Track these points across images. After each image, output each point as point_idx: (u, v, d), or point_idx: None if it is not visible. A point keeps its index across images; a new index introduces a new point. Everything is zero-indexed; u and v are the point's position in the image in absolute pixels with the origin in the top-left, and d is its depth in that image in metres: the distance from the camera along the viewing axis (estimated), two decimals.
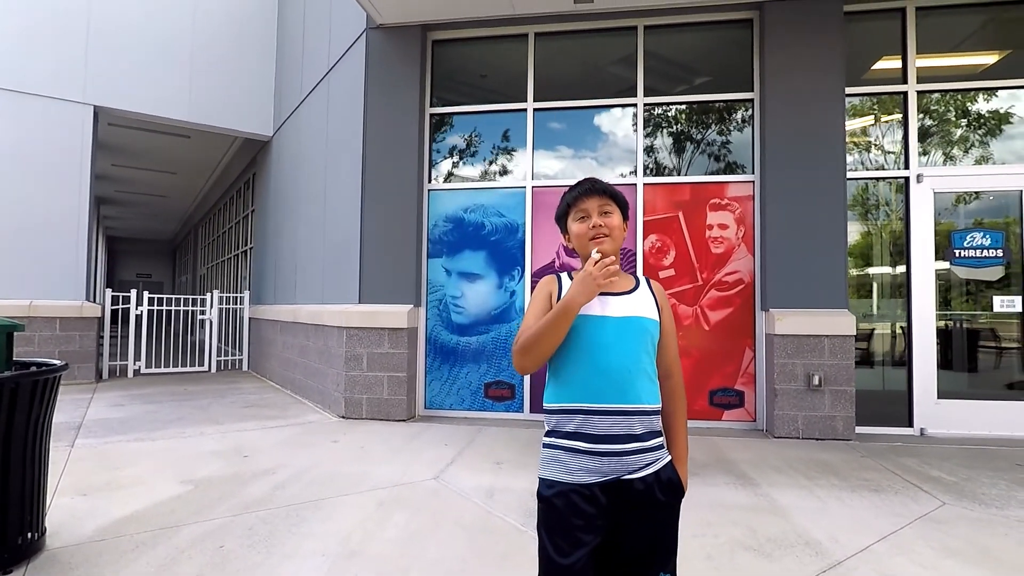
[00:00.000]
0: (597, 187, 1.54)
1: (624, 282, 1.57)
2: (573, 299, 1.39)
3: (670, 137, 5.36)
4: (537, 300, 1.54)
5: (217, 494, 3.24)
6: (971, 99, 5.00)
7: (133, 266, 27.27)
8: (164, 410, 5.68)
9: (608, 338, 1.45)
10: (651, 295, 1.57)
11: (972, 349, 4.93)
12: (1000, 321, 4.87)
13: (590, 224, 1.51)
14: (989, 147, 4.96)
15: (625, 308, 1.50)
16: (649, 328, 1.50)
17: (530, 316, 1.51)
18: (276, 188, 8.48)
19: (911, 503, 3.18)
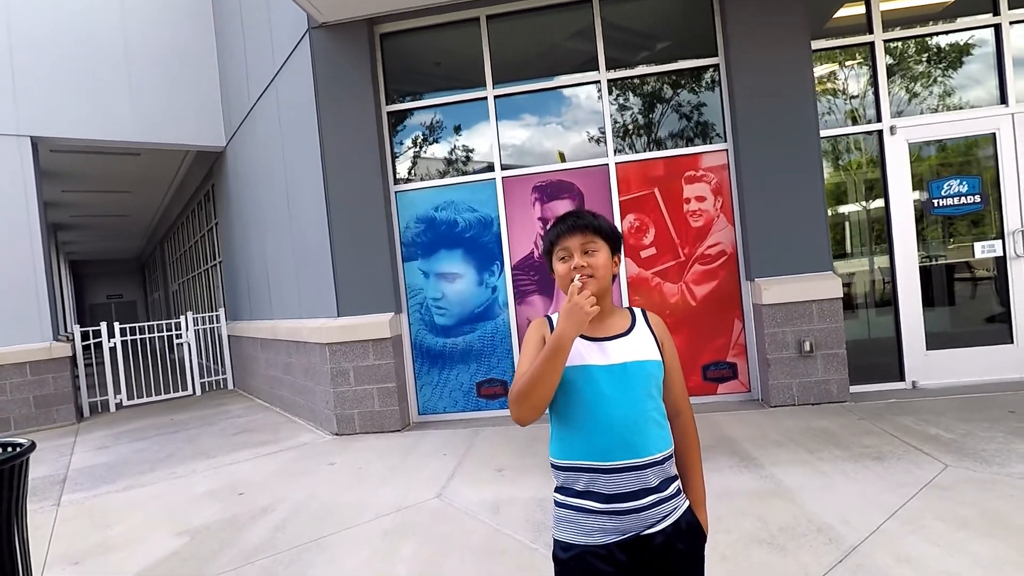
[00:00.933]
0: (580, 223, 1.42)
1: (618, 321, 1.47)
2: (563, 333, 1.28)
3: (638, 111, 5.21)
4: (529, 345, 1.44)
5: (216, 544, 3.13)
6: (937, 44, 4.91)
7: (102, 288, 26.53)
8: (152, 447, 5.51)
9: (609, 389, 1.35)
10: (649, 331, 1.47)
11: (952, 294, 4.96)
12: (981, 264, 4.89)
13: (572, 265, 1.40)
14: (960, 92, 4.90)
15: (624, 352, 1.39)
16: (652, 371, 1.40)
17: (523, 362, 1.40)
18: (237, 199, 8.18)
19: (915, 469, 3.19)
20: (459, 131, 5.49)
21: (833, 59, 5.02)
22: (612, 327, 1.45)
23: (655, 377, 1.41)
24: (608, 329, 1.44)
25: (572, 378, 1.35)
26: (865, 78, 4.96)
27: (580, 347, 1.38)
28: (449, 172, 5.52)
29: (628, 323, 1.47)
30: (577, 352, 1.37)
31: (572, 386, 1.36)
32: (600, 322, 1.44)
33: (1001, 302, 4.84)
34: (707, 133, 5.09)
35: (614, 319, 1.47)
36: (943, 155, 4.93)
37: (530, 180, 5.26)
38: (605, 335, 1.42)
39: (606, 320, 1.45)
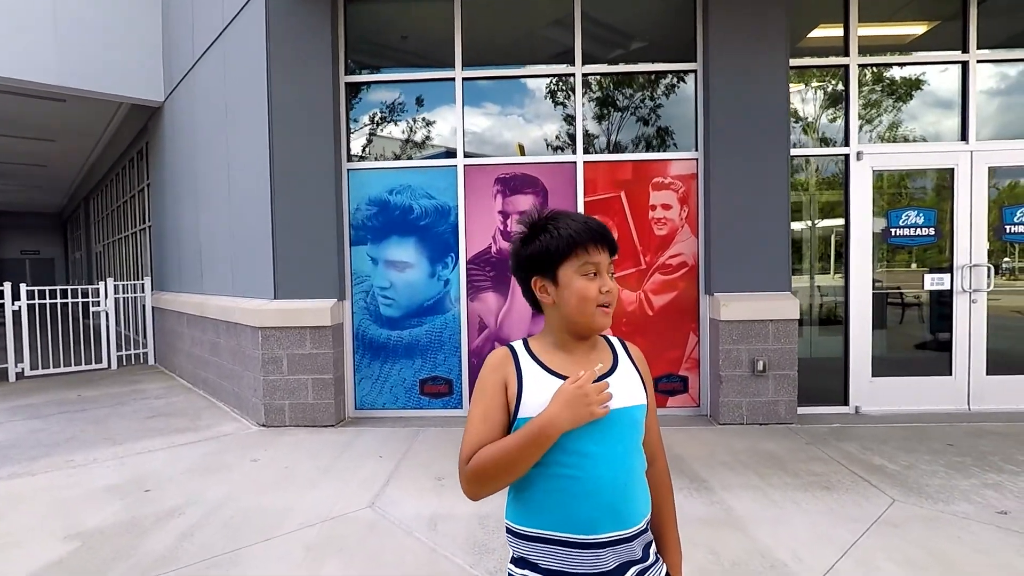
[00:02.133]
0: (610, 238, 1.16)
1: (600, 355, 1.20)
2: (555, 423, 1.03)
3: (611, 111, 5.02)
4: (484, 393, 1.14)
5: (110, 552, 2.74)
6: (907, 75, 4.95)
7: (17, 242, 24.39)
8: (50, 428, 4.95)
9: (594, 445, 1.09)
10: (633, 367, 1.22)
11: (900, 321, 5.05)
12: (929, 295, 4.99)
13: (604, 287, 1.13)
14: (925, 124, 4.96)
15: (613, 395, 1.13)
16: (639, 419, 1.17)
17: (476, 419, 1.12)
18: (173, 161, 7.52)
19: (863, 502, 3.15)
20: (422, 111, 5.15)
21: (807, 79, 4.99)
22: (596, 361, 1.18)
23: (641, 425, 1.18)
24: (592, 364, 1.17)
25: None
26: (836, 101, 4.95)
27: (555, 386, 1.12)
28: (408, 154, 5.19)
29: (611, 358, 1.21)
30: (551, 392, 1.11)
31: None
32: (584, 357, 1.18)
33: (939, 334, 4.94)
34: (679, 140, 4.97)
35: (597, 351, 1.22)
36: (902, 184, 4.98)
37: (494, 171, 5.00)
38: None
39: (589, 355, 1.20)
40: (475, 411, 1.14)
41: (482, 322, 5.01)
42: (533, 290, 1.18)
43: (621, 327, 4.91)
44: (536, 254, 1.15)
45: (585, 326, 1.15)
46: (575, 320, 1.14)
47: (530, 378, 1.13)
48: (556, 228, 1.14)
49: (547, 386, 1.11)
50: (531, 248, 1.16)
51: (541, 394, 1.10)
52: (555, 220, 1.15)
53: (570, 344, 1.18)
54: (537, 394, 1.11)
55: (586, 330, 1.16)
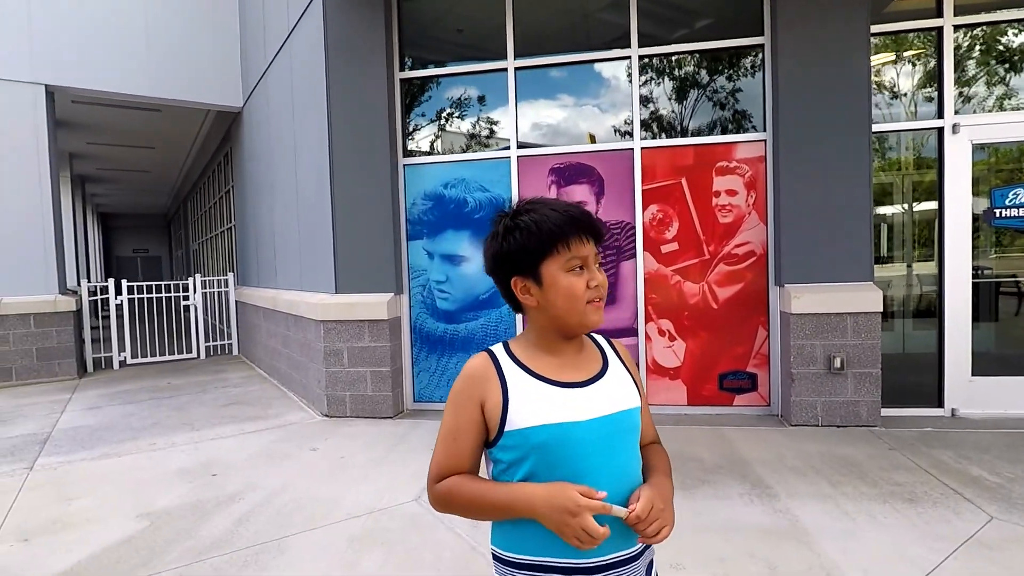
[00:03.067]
0: (595, 226, 1.05)
1: (590, 356, 1.11)
2: (534, 511, 0.95)
3: (670, 94, 4.76)
4: (458, 408, 1.05)
5: (172, 533, 2.91)
6: (1017, 33, 4.36)
7: (129, 242, 26.89)
8: (141, 412, 5.36)
9: (595, 455, 1.00)
10: (623, 366, 1.14)
11: (1004, 313, 4.48)
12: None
13: (592, 281, 1.03)
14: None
15: (605, 401, 1.04)
16: (636, 421, 1.09)
17: (447, 435, 1.05)
18: (251, 163, 7.95)
19: (953, 518, 2.80)
20: (475, 104, 5.11)
21: (892, 46, 4.50)
22: (585, 365, 1.09)
23: (638, 427, 1.10)
24: (581, 369, 1.08)
25: (541, 442, 0.99)
26: (927, 69, 4.43)
27: (547, 395, 1.02)
28: (462, 147, 5.17)
29: (600, 359, 1.12)
30: (544, 402, 1.02)
31: (541, 453, 0.99)
32: (573, 359, 1.09)
33: None
34: (744, 122, 4.64)
35: (586, 354, 1.12)
36: (1001, 160, 4.40)
37: (547, 161, 4.88)
38: (579, 378, 1.06)
39: (579, 355, 1.10)
40: (446, 425, 1.06)
41: None
42: (513, 291, 1.07)
43: (683, 321, 4.67)
44: (514, 252, 1.04)
45: (576, 326, 1.05)
46: (565, 320, 1.04)
47: (516, 386, 1.03)
48: (534, 222, 1.02)
49: (536, 393, 1.03)
50: (508, 246, 1.04)
51: (531, 402, 1.02)
52: (532, 212, 1.03)
53: (557, 346, 1.08)
54: (526, 403, 1.02)
55: (578, 329, 1.06)
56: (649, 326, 4.74)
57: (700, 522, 2.84)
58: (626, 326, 4.77)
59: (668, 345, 4.73)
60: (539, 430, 0.99)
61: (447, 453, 1.05)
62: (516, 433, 1.00)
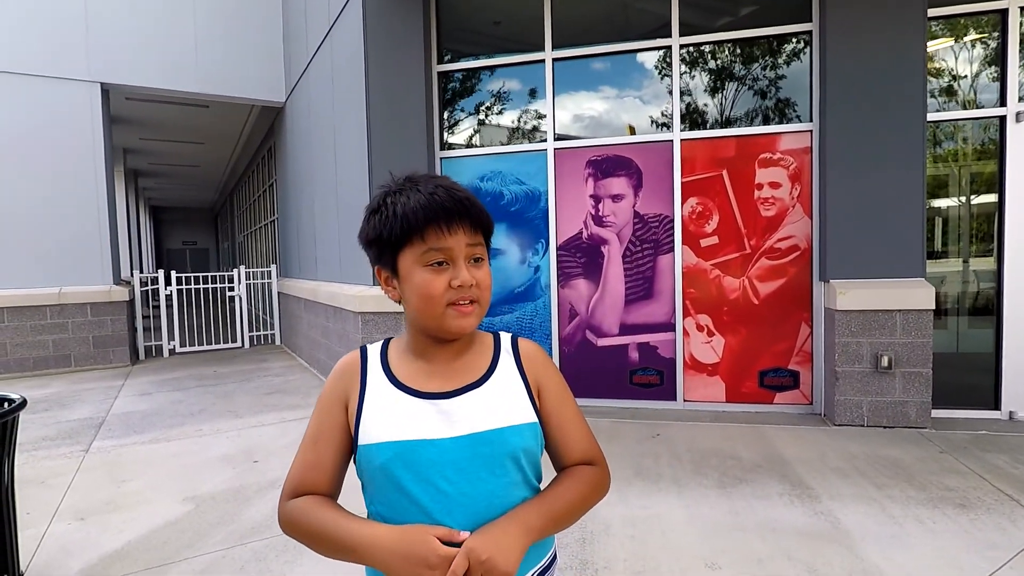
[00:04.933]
0: (469, 213, 0.88)
1: (474, 359, 0.95)
2: (376, 561, 0.80)
3: (711, 83, 4.64)
4: (320, 410, 0.94)
5: (216, 517, 3.01)
6: None
7: (179, 234, 27.91)
8: (189, 399, 5.57)
9: (448, 482, 0.85)
10: (518, 373, 0.95)
11: None
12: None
13: (455, 280, 0.86)
14: None
15: (476, 414, 0.89)
16: (519, 443, 0.90)
17: (306, 441, 0.93)
18: (293, 157, 8.13)
19: (1009, 526, 2.67)
20: (512, 96, 5.09)
21: (950, 30, 4.27)
22: (461, 373, 0.93)
23: (526, 452, 0.91)
24: (454, 377, 0.92)
25: (384, 462, 0.85)
26: (988, 54, 4.20)
27: (400, 407, 0.89)
28: (498, 140, 5.16)
29: (486, 364, 0.95)
30: (395, 415, 0.88)
31: (386, 476, 0.85)
32: (446, 365, 0.93)
33: None
34: (789, 111, 4.48)
35: (469, 356, 0.95)
36: None
37: (584, 153, 4.83)
38: (447, 387, 0.90)
39: (457, 361, 0.94)
40: (307, 430, 0.94)
41: (573, 309, 4.89)
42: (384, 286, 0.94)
43: (723, 316, 4.57)
44: (372, 239, 0.90)
45: (435, 330, 0.90)
46: (422, 321, 0.90)
47: (373, 393, 0.91)
48: (394, 204, 0.88)
49: (390, 404, 0.89)
50: (366, 231, 0.91)
51: (381, 413, 0.88)
52: (401, 192, 0.89)
53: (429, 349, 0.93)
54: (377, 413, 0.88)
55: (439, 333, 0.91)
56: (687, 321, 4.66)
57: (737, 521, 2.78)
58: (663, 321, 4.69)
59: (706, 341, 4.63)
60: (383, 448, 0.85)
61: (303, 463, 0.92)
62: (364, 449, 0.87)
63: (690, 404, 4.67)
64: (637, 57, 4.80)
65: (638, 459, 3.60)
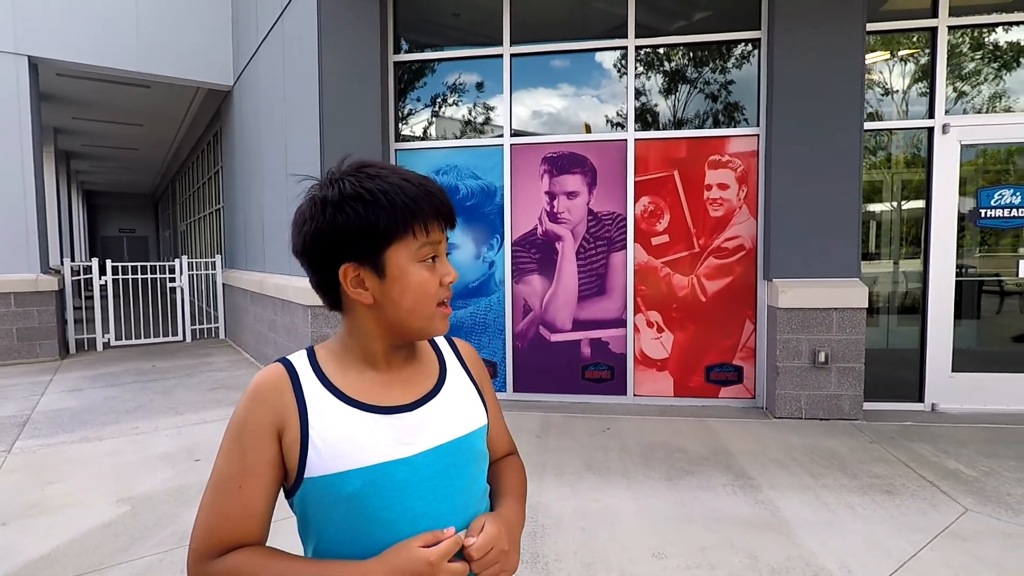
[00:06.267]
0: (451, 207, 0.85)
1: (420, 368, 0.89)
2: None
3: (665, 85, 4.74)
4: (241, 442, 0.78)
5: (154, 519, 2.89)
6: (1009, 37, 4.37)
7: (115, 221, 26.49)
8: (124, 396, 5.31)
9: (425, 502, 0.80)
10: (465, 374, 0.94)
11: (984, 311, 4.54)
12: None
13: (447, 278, 0.84)
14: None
15: (441, 424, 0.84)
16: (481, 445, 0.90)
17: (225, 483, 0.77)
18: (240, 144, 7.83)
19: (930, 510, 2.85)
20: (469, 90, 5.06)
21: (886, 45, 4.50)
22: (415, 380, 0.87)
23: (484, 450, 0.91)
24: (410, 386, 0.86)
25: (355, 492, 0.77)
26: (919, 69, 4.45)
27: (361, 427, 0.79)
28: (455, 134, 5.12)
29: (437, 369, 0.91)
30: (358, 437, 0.78)
31: (353, 506, 0.77)
32: (399, 374, 0.86)
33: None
34: (738, 115, 4.63)
35: (418, 362, 0.90)
36: (988, 161, 4.44)
37: (541, 150, 4.85)
38: (406, 399, 0.84)
39: (408, 367, 0.88)
40: (222, 471, 0.78)
41: (527, 304, 4.92)
42: (341, 282, 0.80)
43: (672, 313, 4.69)
44: (353, 231, 0.77)
45: (418, 332, 0.83)
46: (406, 325, 0.82)
47: (320, 414, 0.79)
48: (383, 192, 0.77)
49: (345, 424, 0.79)
50: (344, 220, 0.77)
51: (338, 437, 0.78)
52: (378, 179, 0.79)
53: (383, 357, 0.85)
54: (331, 438, 0.77)
55: (417, 337, 0.85)
56: (638, 317, 4.76)
57: (684, 512, 2.87)
58: (615, 317, 4.78)
59: (656, 337, 4.75)
60: (351, 476, 0.76)
61: (225, 512, 0.76)
62: (320, 481, 0.76)
63: (640, 399, 4.78)
64: (594, 56, 4.85)
65: (589, 453, 3.66)
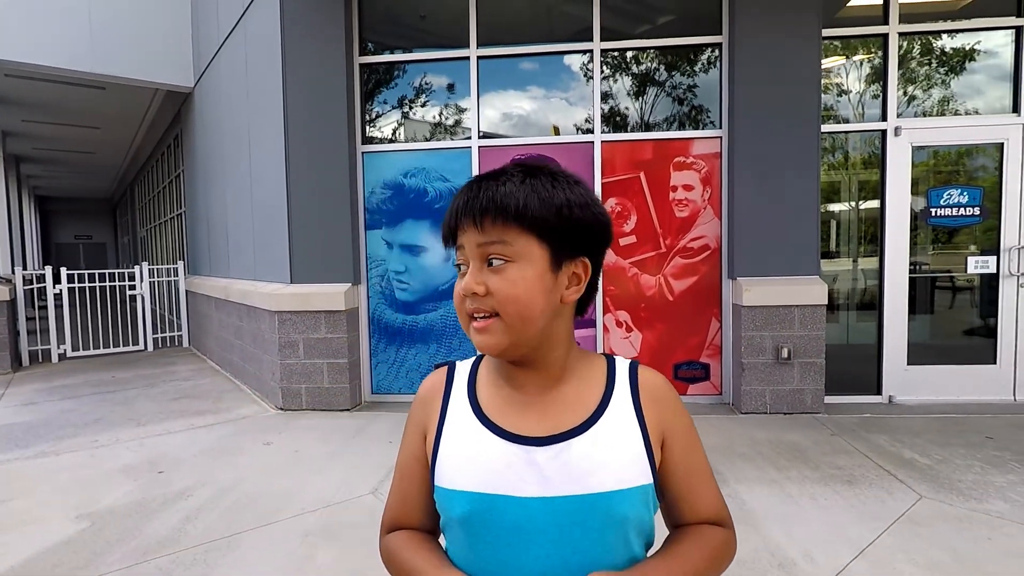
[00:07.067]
0: (483, 196, 0.72)
1: (576, 395, 0.76)
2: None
3: (631, 88, 4.82)
4: (404, 436, 0.85)
5: (115, 533, 2.80)
6: (950, 44, 4.57)
7: (71, 227, 25.54)
8: (82, 408, 5.13)
9: (540, 551, 0.71)
10: (634, 416, 0.75)
11: (937, 306, 4.74)
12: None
13: (464, 288, 0.72)
14: (969, 97, 4.58)
15: (576, 472, 0.71)
16: (627, 511, 0.73)
17: (396, 470, 0.85)
18: (203, 146, 7.65)
19: (887, 498, 2.96)
20: (437, 92, 5.05)
21: (841, 51, 4.66)
22: (558, 409, 0.75)
23: (636, 520, 0.74)
24: (553, 411, 0.75)
25: (463, 515, 0.74)
26: (873, 73, 4.62)
27: (483, 448, 0.74)
28: (423, 136, 5.11)
29: (595, 401, 0.76)
30: (476, 455, 0.74)
31: (464, 529, 0.75)
32: (539, 395, 0.76)
33: (986, 319, 4.62)
34: (702, 118, 4.73)
35: (570, 387, 0.77)
36: (939, 162, 4.64)
37: (509, 152, 4.87)
38: (539, 430, 0.74)
39: (551, 391, 0.76)
40: (397, 458, 0.86)
41: None
42: None
43: (640, 312, 4.76)
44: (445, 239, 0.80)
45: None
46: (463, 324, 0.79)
47: (453, 424, 0.78)
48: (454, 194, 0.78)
49: (471, 442, 0.75)
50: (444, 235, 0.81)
51: (460, 454, 0.75)
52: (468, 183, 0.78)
53: (506, 373, 0.79)
54: (455, 452, 0.76)
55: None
56: (607, 317, 4.81)
57: None
58: (585, 317, 4.80)
59: (625, 336, 4.81)
60: (461, 498, 0.73)
61: (394, 495, 0.85)
62: (440, 492, 0.76)
63: None
64: (560, 59, 4.90)
65: None
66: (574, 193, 0.73)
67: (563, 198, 0.72)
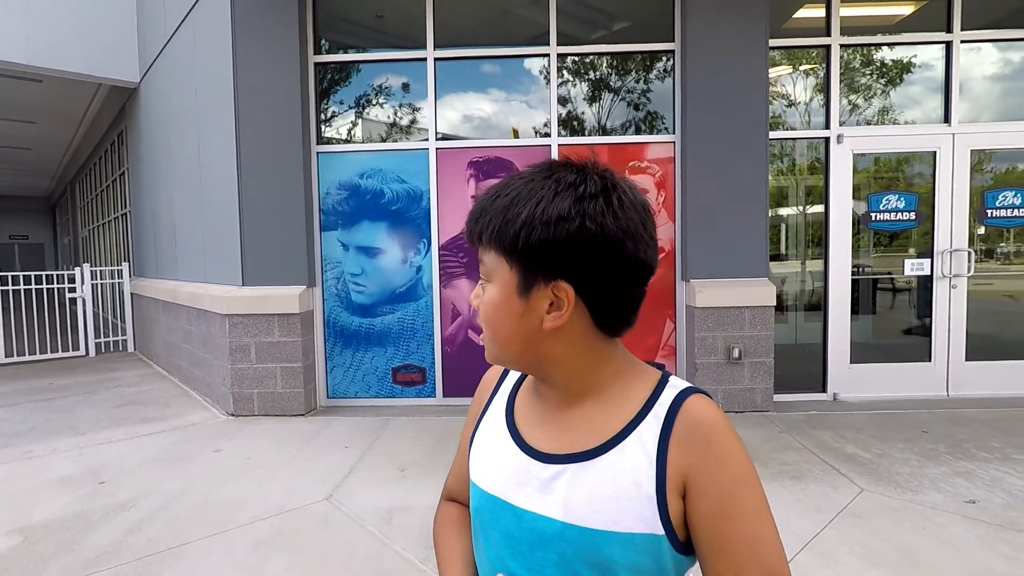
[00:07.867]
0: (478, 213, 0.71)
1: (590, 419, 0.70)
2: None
3: (587, 93, 4.88)
4: (465, 423, 0.90)
5: (51, 548, 2.66)
6: (888, 57, 4.81)
7: (6, 227, 24.09)
8: (14, 418, 4.86)
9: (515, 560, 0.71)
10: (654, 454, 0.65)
11: (877, 306, 4.97)
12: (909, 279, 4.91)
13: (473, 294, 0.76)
14: (906, 107, 4.83)
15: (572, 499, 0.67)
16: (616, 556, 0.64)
17: (458, 449, 0.92)
18: (149, 144, 7.36)
19: (831, 492, 3.08)
20: (394, 93, 5.00)
21: (787, 61, 4.85)
22: (578, 426, 0.70)
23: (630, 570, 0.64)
24: (568, 429, 0.71)
25: (476, 509, 0.78)
26: (817, 83, 4.81)
27: (501, 450, 0.75)
28: (380, 137, 5.05)
29: (617, 427, 0.68)
30: (496, 455, 0.76)
31: (474, 519, 0.79)
32: (557, 413, 0.73)
33: (922, 319, 4.87)
34: (656, 123, 4.84)
35: (592, 407, 0.71)
36: (880, 168, 4.88)
37: (466, 154, 4.87)
38: (550, 446, 0.71)
39: (572, 407, 0.72)
40: (462, 431, 0.91)
41: (455, 309, 4.91)
42: None
43: None
44: None
45: None
46: None
47: (489, 421, 0.81)
48: None
49: (496, 443, 0.77)
50: None
51: (486, 450, 0.78)
52: None
53: (534, 384, 0.79)
54: (483, 447, 0.79)
55: None
56: None
57: None
58: None
59: None
60: (477, 492, 0.77)
61: (452, 467, 0.92)
62: (469, 480, 0.82)
63: None
64: (518, 63, 4.92)
65: None
66: (557, 208, 0.64)
67: (530, 214, 0.64)
